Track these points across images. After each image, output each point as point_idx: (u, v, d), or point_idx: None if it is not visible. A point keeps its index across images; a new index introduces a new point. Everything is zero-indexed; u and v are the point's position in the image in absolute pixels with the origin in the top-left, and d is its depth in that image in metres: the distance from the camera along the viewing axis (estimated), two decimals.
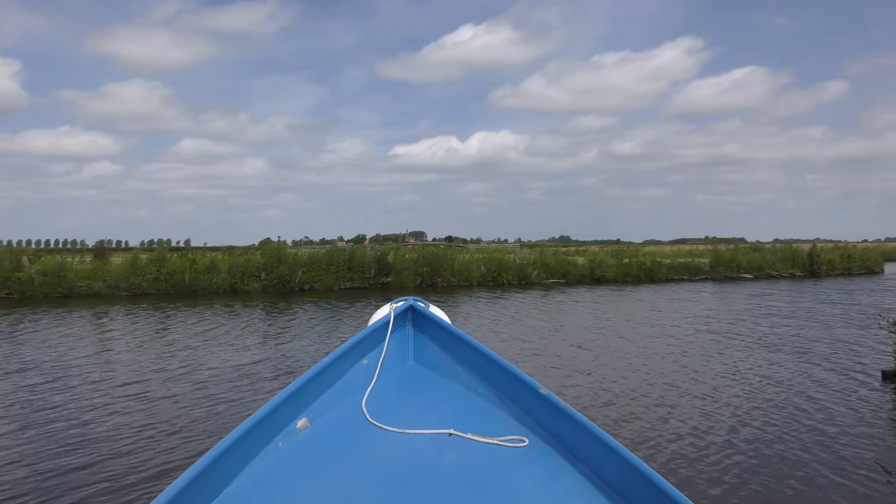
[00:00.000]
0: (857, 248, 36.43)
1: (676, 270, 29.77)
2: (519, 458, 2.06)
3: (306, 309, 17.34)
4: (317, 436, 2.19)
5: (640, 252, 37.74)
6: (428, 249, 27.24)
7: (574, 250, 50.60)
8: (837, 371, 8.72)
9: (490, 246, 70.99)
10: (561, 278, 27.74)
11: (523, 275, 27.06)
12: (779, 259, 31.72)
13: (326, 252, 25.61)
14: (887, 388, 7.81)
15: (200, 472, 1.72)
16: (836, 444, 5.73)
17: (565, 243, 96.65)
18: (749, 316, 15.11)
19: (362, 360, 2.74)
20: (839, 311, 15.99)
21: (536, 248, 52.09)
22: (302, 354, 10.30)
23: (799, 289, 23.89)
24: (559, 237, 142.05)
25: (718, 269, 30.34)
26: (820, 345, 10.78)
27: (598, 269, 28.27)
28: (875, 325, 11.78)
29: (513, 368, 2.48)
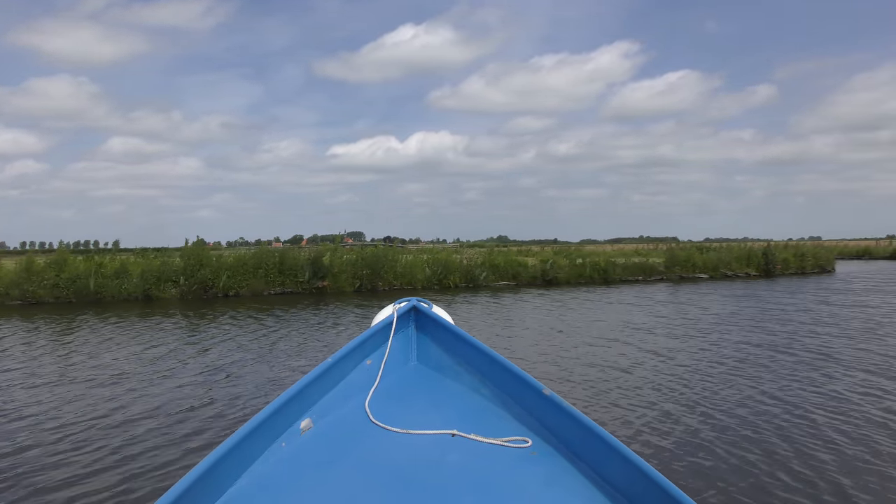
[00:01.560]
0: (810, 246, 36.81)
1: (631, 271, 29.25)
2: (522, 458, 2.10)
3: (229, 320, 15.71)
4: (320, 436, 2.22)
5: (592, 252, 37.44)
6: (368, 250, 25.83)
7: (517, 250, 50.35)
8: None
9: (429, 246, 70.46)
10: (511, 280, 26.77)
11: (471, 277, 25.97)
12: (734, 258, 31.60)
13: (254, 254, 23.86)
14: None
15: (204, 473, 1.75)
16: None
17: (504, 243, 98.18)
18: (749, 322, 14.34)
19: (365, 361, 2.78)
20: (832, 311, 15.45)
21: (480, 247, 51.43)
22: (224, 394, 8.09)
23: (763, 289, 23.55)
24: (497, 237, 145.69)
25: (673, 268, 29.97)
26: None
27: (551, 270, 27.41)
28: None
29: (516, 369, 2.53)
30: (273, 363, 9.77)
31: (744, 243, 39.77)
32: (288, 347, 11.25)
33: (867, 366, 8.96)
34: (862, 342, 10.94)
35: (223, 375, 8.92)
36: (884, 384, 7.89)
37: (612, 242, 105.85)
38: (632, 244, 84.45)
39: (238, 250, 25.74)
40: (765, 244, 34.01)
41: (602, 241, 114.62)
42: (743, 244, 36.25)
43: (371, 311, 17.06)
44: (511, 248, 52.19)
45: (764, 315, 15.25)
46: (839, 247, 41.36)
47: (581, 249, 46.11)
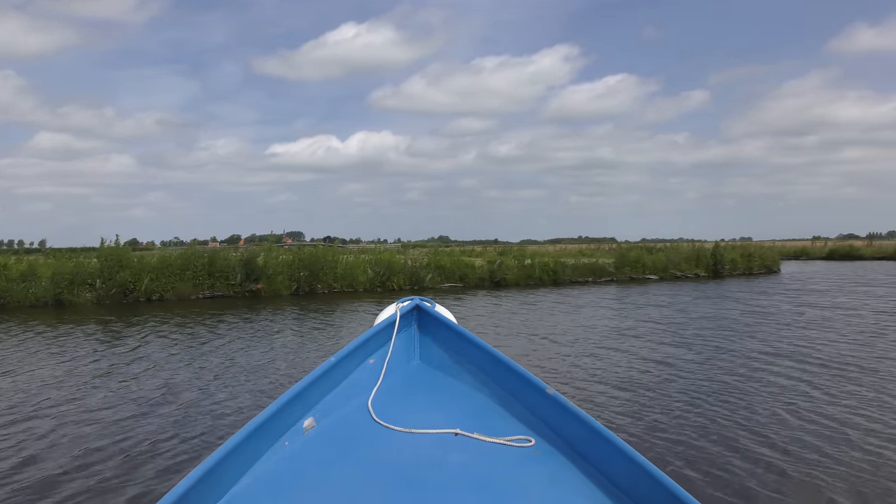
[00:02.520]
0: (756, 246, 37.33)
1: (581, 272, 28.89)
2: (525, 457, 2.13)
3: (151, 328, 14.39)
4: (323, 435, 2.25)
5: (536, 252, 37.12)
6: (306, 250, 24.61)
7: (459, 251, 49.90)
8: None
9: (370, 246, 69.76)
10: (458, 282, 26.00)
11: (416, 278, 25.07)
12: (683, 259, 31.65)
13: (181, 254, 22.35)
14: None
15: (207, 472, 1.76)
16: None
17: (445, 243, 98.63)
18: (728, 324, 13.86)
19: (368, 360, 2.80)
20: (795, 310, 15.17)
21: (422, 247, 50.65)
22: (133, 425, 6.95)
23: (729, 290, 23.44)
24: (439, 237, 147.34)
25: (623, 269, 29.76)
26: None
27: (499, 271, 26.77)
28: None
29: (519, 368, 2.55)
30: (197, 385, 8.65)
31: (687, 244, 40.05)
32: (218, 364, 10.13)
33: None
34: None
35: (136, 403, 7.78)
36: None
37: (552, 243, 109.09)
38: (571, 244, 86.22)
39: (167, 250, 24.10)
40: (713, 244, 34.20)
41: (542, 242, 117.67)
42: (692, 244, 36.48)
43: (309, 315, 16.01)
44: (454, 249, 51.77)
45: (760, 321, 14.88)
46: (776, 247, 42.14)
47: (524, 249, 45.97)
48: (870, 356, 9.85)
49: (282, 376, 8.84)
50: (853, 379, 8.32)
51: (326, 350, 11.13)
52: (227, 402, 7.46)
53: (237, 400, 7.57)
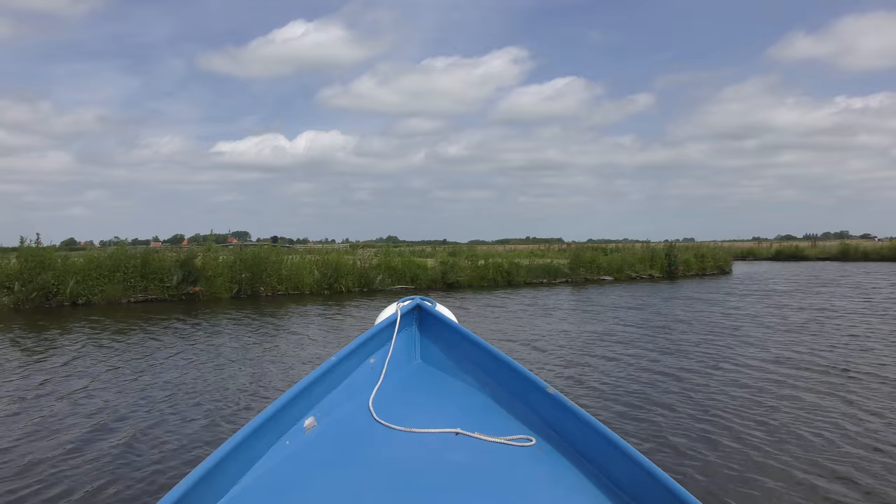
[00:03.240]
0: (709, 247, 37.61)
1: (535, 273, 28.44)
2: (526, 457, 2.15)
3: (72, 338, 13.20)
4: (324, 435, 2.27)
5: (487, 252, 36.66)
6: (248, 250, 23.44)
7: (409, 251, 49.29)
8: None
9: (318, 246, 68.63)
10: (409, 283, 25.20)
11: (365, 280, 24.18)
12: (637, 260, 31.54)
13: (111, 255, 20.92)
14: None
15: (208, 471, 1.78)
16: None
17: (394, 243, 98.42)
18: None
19: (369, 360, 2.81)
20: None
21: (371, 247, 49.74)
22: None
23: (680, 291, 23.22)
24: (387, 237, 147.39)
25: (578, 270, 29.44)
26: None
27: (452, 272, 26.07)
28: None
29: (520, 368, 2.57)
30: (127, 409, 7.67)
31: (642, 244, 40.16)
32: (146, 382, 9.13)
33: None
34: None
35: (48, 433, 6.78)
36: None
37: (501, 243, 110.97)
38: (520, 245, 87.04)
39: (106, 250, 22.51)
40: (661, 244, 34.24)
41: (491, 242, 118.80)
42: (646, 245, 36.47)
43: (252, 320, 14.98)
44: (403, 249, 51.12)
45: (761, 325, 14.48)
46: (723, 248, 42.66)
47: (474, 250, 45.58)
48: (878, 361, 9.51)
49: (230, 395, 7.91)
50: (881, 388, 7.91)
51: (284, 363, 10.23)
52: (160, 434, 6.53)
53: (173, 430, 6.64)
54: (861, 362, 9.51)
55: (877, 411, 6.89)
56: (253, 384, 8.48)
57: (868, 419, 6.61)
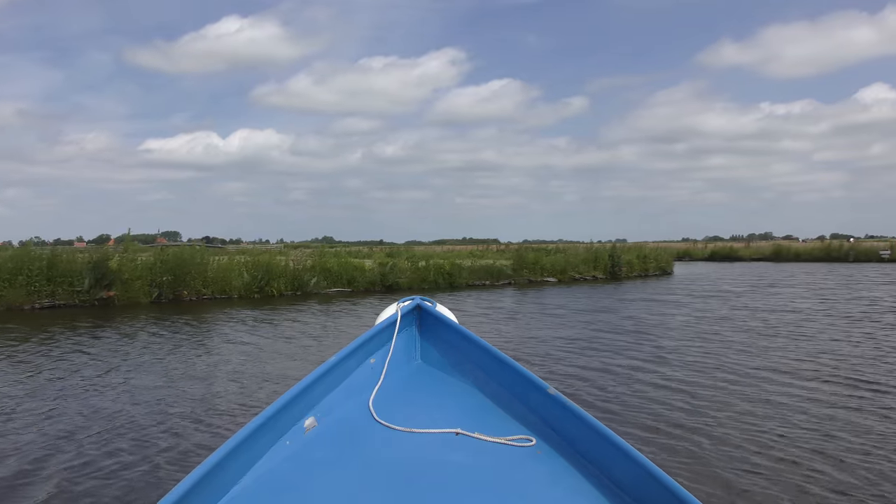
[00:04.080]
0: (651, 248, 37.69)
1: (478, 275, 27.68)
2: (526, 457, 2.16)
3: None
4: (324, 435, 2.28)
5: (426, 253, 35.90)
6: (169, 251, 21.85)
7: (345, 251, 48.17)
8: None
9: (251, 247, 66.93)
10: (346, 286, 24.05)
11: (299, 283, 22.90)
12: (581, 261, 31.19)
13: (12, 256, 19.05)
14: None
15: (208, 472, 1.78)
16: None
17: (330, 244, 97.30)
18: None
19: (369, 360, 2.82)
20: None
21: (306, 247, 48.28)
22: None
23: (633, 292, 22.79)
24: (323, 238, 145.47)
25: (521, 272, 28.84)
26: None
27: (391, 274, 25.03)
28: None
29: (520, 368, 2.58)
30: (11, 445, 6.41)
31: (585, 245, 40.03)
32: (39, 408, 7.83)
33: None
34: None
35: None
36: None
37: (437, 243, 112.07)
38: (457, 245, 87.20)
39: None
40: (596, 244, 34.07)
41: (427, 242, 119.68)
42: (589, 246, 36.26)
43: (173, 328, 13.60)
44: (339, 250, 49.90)
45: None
46: (665, 248, 43.09)
47: (411, 250, 44.79)
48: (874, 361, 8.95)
49: (159, 425, 6.72)
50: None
51: (210, 380, 9.03)
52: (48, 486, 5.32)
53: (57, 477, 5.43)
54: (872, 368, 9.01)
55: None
56: (182, 408, 7.31)
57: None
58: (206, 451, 5.52)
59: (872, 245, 55.65)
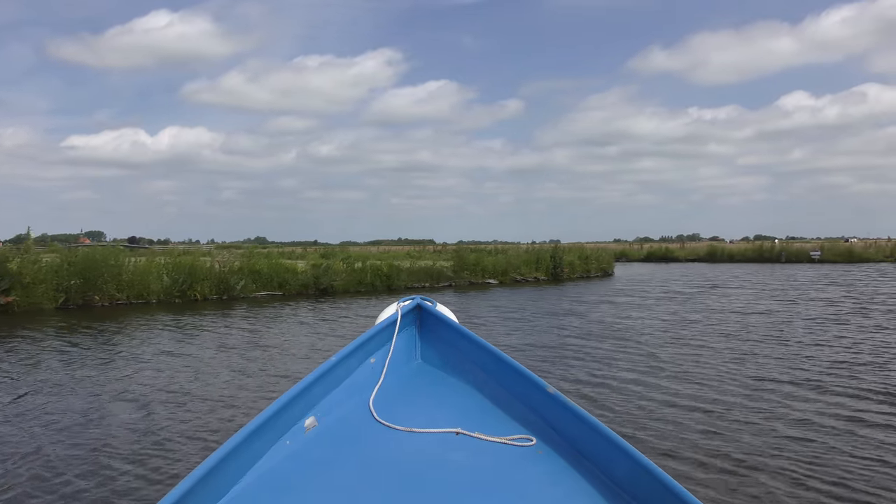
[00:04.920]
0: (593, 249, 37.48)
1: (417, 276, 26.69)
2: (526, 456, 2.17)
3: None
4: (324, 434, 2.29)
5: (362, 254, 34.88)
6: (78, 252, 20.06)
7: (277, 252, 46.74)
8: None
9: (179, 247, 64.47)
10: (276, 289, 22.70)
11: (225, 286, 21.43)
12: (522, 262, 30.58)
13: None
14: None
15: (208, 471, 1.79)
16: None
17: (263, 244, 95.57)
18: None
19: (369, 359, 2.83)
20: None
21: (237, 248, 46.46)
22: None
23: (586, 293, 22.17)
24: (256, 238, 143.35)
25: (462, 273, 28.00)
26: None
27: (325, 276, 23.79)
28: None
29: (520, 367, 2.59)
30: None
31: (527, 245, 39.55)
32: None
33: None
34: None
35: None
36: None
37: (373, 244, 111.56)
38: (392, 246, 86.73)
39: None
40: (552, 245, 33.60)
41: (363, 243, 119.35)
42: (531, 246, 35.71)
43: (79, 339, 12.11)
44: (271, 251, 48.33)
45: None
46: (606, 249, 43.11)
47: (345, 251, 43.58)
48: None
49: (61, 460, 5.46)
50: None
51: (125, 396, 7.75)
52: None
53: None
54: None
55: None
56: (110, 439, 6.05)
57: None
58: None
59: (802, 246, 57.28)
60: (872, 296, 20.73)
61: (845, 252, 50.37)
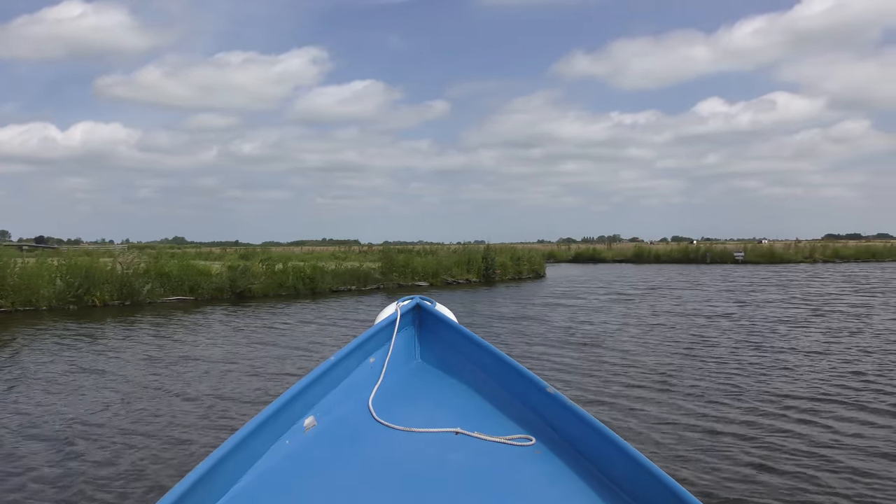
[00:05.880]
0: (524, 250, 36.84)
1: (343, 279, 25.27)
2: (525, 456, 2.18)
3: None
4: (324, 434, 2.31)
5: (284, 255, 33.27)
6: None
7: (195, 252, 44.50)
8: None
9: (91, 247, 60.94)
10: (188, 294, 20.91)
11: (129, 290, 19.50)
12: (454, 263, 29.54)
13: None
14: None
15: (208, 471, 1.80)
16: None
17: (180, 244, 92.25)
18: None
19: (369, 359, 2.85)
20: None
21: (152, 248, 43.92)
22: None
23: (530, 295, 21.21)
24: (174, 238, 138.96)
25: (391, 275, 26.73)
26: None
27: (243, 279, 22.09)
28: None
29: (519, 367, 2.60)
30: None
31: (458, 245, 38.64)
32: None
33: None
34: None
35: None
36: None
37: (296, 244, 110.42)
38: (316, 246, 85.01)
39: None
40: (483, 246, 32.70)
41: (286, 244, 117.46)
42: (463, 247, 34.78)
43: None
44: (188, 251, 45.96)
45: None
46: (537, 250, 42.70)
47: (268, 251, 41.76)
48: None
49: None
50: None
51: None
52: None
53: None
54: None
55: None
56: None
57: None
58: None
59: (725, 247, 58.58)
60: (815, 295, 20.66)
61: (767, 253, 51.61)
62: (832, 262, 50.57)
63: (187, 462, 5.49)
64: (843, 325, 13.76)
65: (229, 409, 7.34)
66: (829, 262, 50.48)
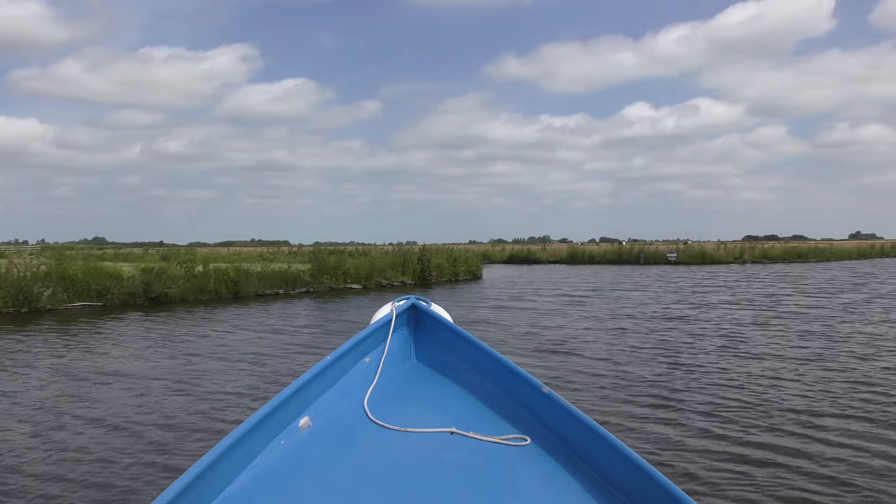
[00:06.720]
0: (461, 251, 35.98)
1: (269, 282, 23.79)
2: (521, 456, 2.17)
3: None
4: (319, 434, 2.29)
5: (210, 256, 31.48)
6: None
7: (113, 253, 42.03)
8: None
9: (3, 248, 57.29)
10: (96, 299, 19.13)
11: (26, 296, 17.64)
12: (388, 265, 28.38)
13: None
14: None
15: (203, 471, 1.78)
16: None
17: (100, 245, 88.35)
18: None
19: (364, 359, 2.84)
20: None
21: (70, 249, 41.11)
22: None
23: (470, 297, 20.16)
24: (93, 238, 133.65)
25: (321, 278, 25.39)
26: None
27: (158, 282, 20.39)
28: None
29: (515, 367, 2.59)
30: None
31: (393, 246, 37.47)
32: None
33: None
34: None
35: None
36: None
37: (224, 245, 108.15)
38: (245, 247, 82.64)
39: None
40: (419, 247, 31.63)
41: (213, 244, 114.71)
42: (398, 247, 33.61)
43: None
44: (108, 251, 43.43)
45: None
46: (474, 251, 41.99)
47: (193, 252, 39.64)
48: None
49: None
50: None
51: None
52: None
53: None
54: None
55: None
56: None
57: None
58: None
59: (658, 248, 59.22)
60: (763, 296, 20.44)
61: (699, 254, 52.36)
62: (761, 262, 51.70)
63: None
64: (803, 328, 13.41)
65: (168, 442, 6.11)
66: (758, 262, 51.59)
